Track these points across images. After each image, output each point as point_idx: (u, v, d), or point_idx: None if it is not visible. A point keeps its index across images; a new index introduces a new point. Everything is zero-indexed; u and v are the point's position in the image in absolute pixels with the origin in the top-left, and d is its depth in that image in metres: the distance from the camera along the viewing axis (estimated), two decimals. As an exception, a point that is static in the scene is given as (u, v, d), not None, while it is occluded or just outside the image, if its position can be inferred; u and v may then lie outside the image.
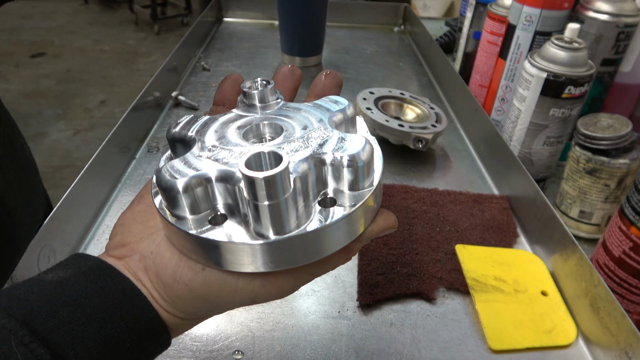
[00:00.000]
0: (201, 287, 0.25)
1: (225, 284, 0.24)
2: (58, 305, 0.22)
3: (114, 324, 0.23)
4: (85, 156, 2.21)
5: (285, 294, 0.26)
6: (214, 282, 0.24)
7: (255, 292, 0.25)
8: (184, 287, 0.25)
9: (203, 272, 0.25)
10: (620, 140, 0.50)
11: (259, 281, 0.25)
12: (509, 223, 0.56)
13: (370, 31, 1.20)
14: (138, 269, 0.26)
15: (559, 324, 0.45)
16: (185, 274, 0.25)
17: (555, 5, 0.62)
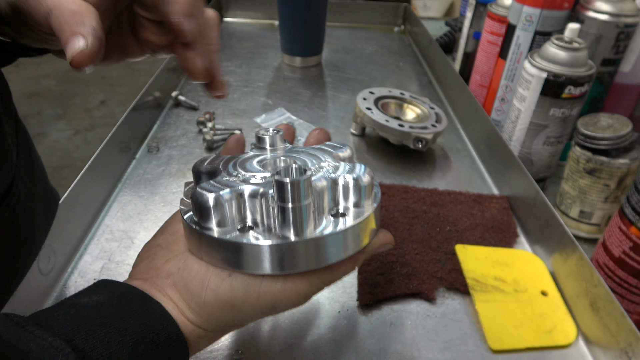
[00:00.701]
0: (227, 292, 0.27)
1: (249, 289, 0.27)
2: (95, 326, 0.24)
3: (146, 346, 0.25)
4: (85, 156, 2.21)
5: (302, 301, 0.29)
6: (239, 287, 0.27)
7: (276, 297, 0.27)
8: (212, 293, 0.27)
9: (229, 278, 0.27)
10: (620, 140, 0.50)
11: (279, 285, 0.27)
12: (509, 223, 0.56)
13: (370, 31, 1.20)
14: (166, 285, 0.28)
15: (559, 324, 0.45)
16: (213, 281, 0.27)
17: (555, 5, 0.62)
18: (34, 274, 0.42)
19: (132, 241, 0.51)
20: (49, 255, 0.45)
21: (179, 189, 0.60)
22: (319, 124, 0.76)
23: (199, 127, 0.72)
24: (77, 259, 0.49)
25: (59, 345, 0.22)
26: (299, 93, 0.87)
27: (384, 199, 0.59)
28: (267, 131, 0.35)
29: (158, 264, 0.29)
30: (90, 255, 0.50)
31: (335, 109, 0.82)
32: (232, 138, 0.39)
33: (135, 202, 0.57)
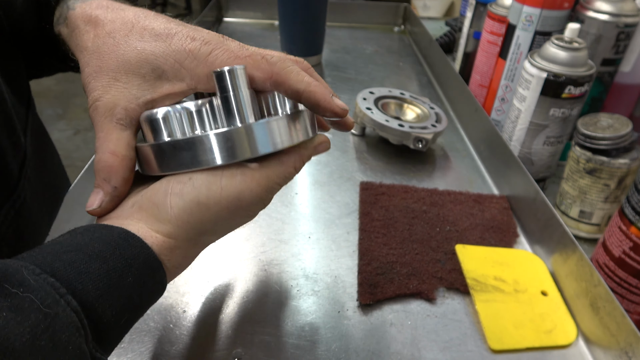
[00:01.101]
0: (190, 191, 0.28)
1: (211, 184, 0.28)
2: (61, 252, 0.25)
3: (115, 261, 0.25)
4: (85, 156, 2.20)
5: (264, 193, 0.30)
6: (201, 184, 0.28)
7: (238, 188, 0.28)
8: (176, 197, 0.28)
9: (190, 180, 0.28)
10: (620, 140, 0.50)
11: (239, 176, 0.29)
12: (509, 223, 0.56)
13: (370, 31, 1.20)
14: (131, 214, 0.29)
15: (559, 324, 0.45)
16: (175, 187, 0.28)
17: (555, 5, 0.62)
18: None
19: (132, 241, 0.51)
20: (49, 255, 0.45)
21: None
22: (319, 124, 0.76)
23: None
24: (77, 259, 0.49)
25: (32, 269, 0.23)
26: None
27: (384, 198, 0.59)
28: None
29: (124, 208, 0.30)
30: (90, 255, 0.50)
31: (335, 109, 0.82)
32: None
33: (135, 202, 0.57)
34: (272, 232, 0.54)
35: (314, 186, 0.62)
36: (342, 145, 0.71)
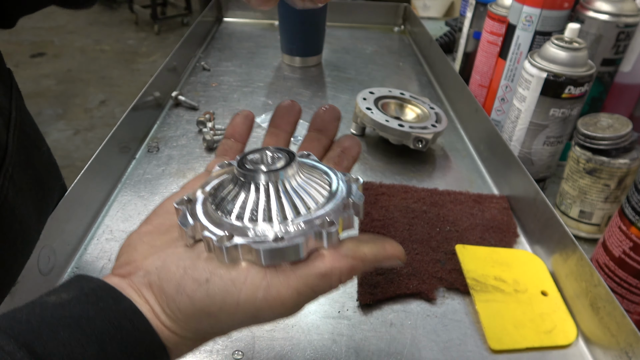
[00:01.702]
0: (204, 298, 0.25)
1: (227, 296, 0.25)
2: (59, 327, 0.22)
3: (114, 347, 0.23)
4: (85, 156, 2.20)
5: (289, 311, 0.26)
6: (216, 294, 0.25)
7: (257, 307, 0.25)
8: (187, 299, 0.25)
9: (206, 283, 0.25)
10: (620, 140, 0.50)
11: (261, 293, 0.25)
12: (509, 223, 0.56)
13: (370, 31, 1.20)
14: (142, 284, 0.26)
15: (559, 324, 0.45)
16: (189, 286, 0.25)
17: (555, 5, 0.62)
18: (34, 274, 0.42)
19: (132, 241, 0.51)
20: (49, 255, 0.45)
21: (179, 189, 0.60)
22: (319, 124, 0.76)
23: (199, 127, 0.72)
24: (77, 259, 0.49)
25: (11, 350, 0.20)
26: (299, 93, 0.87)
27: (384, 198, 0.59)
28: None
29: (137, 259, 0.28)
30: (90, 255, 0.50)
31: (335, 109, 0.82)
32: (240, 114, 0.37)
33: (135, 202, 0.57)
34: (272, 232, 0.54)
35: (314, 186, 0.62)
36: (342, 145, 0.71)
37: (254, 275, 0.26)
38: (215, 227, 0.28)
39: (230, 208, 0.29)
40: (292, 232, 0.27)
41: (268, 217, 0.28)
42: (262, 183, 0.29)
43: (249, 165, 0.30)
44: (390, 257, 0.29)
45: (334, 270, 0.27)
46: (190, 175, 0.62)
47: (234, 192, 0.30)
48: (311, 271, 0.26)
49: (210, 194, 0.31)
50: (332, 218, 0.28)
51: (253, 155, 0.31)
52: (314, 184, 0.31)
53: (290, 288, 0.26)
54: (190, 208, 0.30)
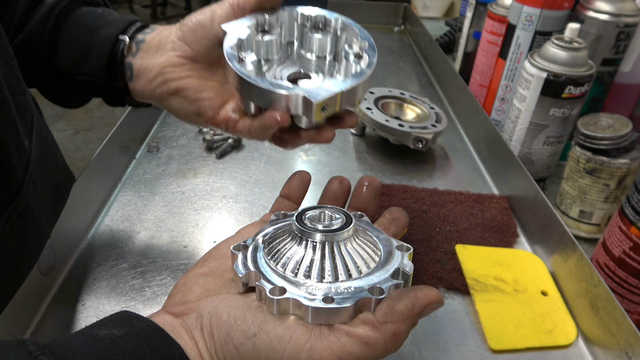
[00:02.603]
0: (250, 352, 0.26)
1: (272, 353, 0.26)
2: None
3: None
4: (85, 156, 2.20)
5: None
6: (262, 349, 0.26)
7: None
8: (234, 350, 0.26)
9: (254, 337, 0.26)
10: (620, 140, 0.50)
11: (304, 355, 0.26)
12: (509, 223, 0.56)
13: (370, 31, 1.20)
14: (194, 327, 0.28)
15: (559, 324, 0.45)
16: (237, 337, 0.27)
17: (555, 5, 0.62)
18: (34, 274, 0.42)
19: (132, 241, 0.51)
20: (49, 255, 0.45)
21: (179, 189, 0.60)
22: (319, 124, 0.76)
23: (198, 127, 0.72)
24: (77, 258, 0.49)
25: None
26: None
27: (384, 199, 0.59)
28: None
29: (191, 300, 0.29)
30: (90, 255, 0.50)
31: (335, 109, 0.82)
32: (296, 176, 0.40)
33: (135, 202, 0.57)
34: (272, 232, 0.54)
35: (314, 186, 0.62)
36: (342, 145, 0.71)
37: (299, 335, 0.26)
38: (268, 277, 0.29)
39: (285, 261, 0.30)
40: (342, 294, 0.28)
41: (320, 275, 0.29)
42: (318, 242, 0.30)
43: (307, 221, 0.31)
44: (428, 304, 0.28)
45: (377, 340, 0.26)
46: (190, 175, 0.62)
47: (290, 245, 0.31)
48: (354, 339, 0.26)
49: (266, 242, 0.32)
50: (382, 285, 0.29)
51: (312, 212, 0.33)
52: (367, 248, 0.32)
53: (332, 354, 0.26)
54: (246, 254, 0.31)
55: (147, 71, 0.41)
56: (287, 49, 0.41)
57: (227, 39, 0.37)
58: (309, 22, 0.40)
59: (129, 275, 0.47)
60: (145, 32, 0.42)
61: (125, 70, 0.41)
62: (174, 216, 0.55)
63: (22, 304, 0.41)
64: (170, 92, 0.41)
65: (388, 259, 0.31)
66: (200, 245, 0.51)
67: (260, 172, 0.64)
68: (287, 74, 0.39)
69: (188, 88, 0.40)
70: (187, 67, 0.40)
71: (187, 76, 0.40)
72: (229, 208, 0.57)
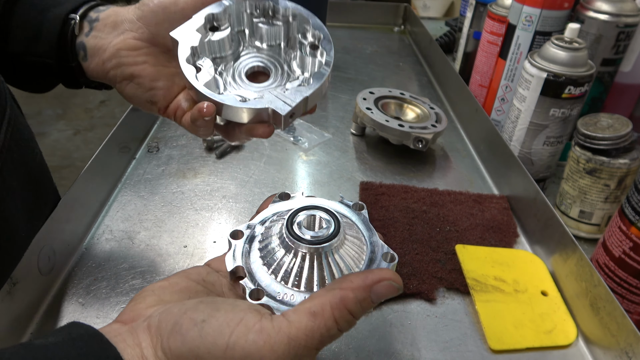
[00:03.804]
0: (195, 338, 0.25)
1: (219, 337, 0.25)
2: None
3: None
4: (85, 156, 2.20)
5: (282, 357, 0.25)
6: (208, 334, 0.25)
7: (246, 351, 0.24)
8: (179, 338, 0.25)
9: (202, 323, 0.25)
10: (620, 140, 0.50)
11: (252, 336, 0.25)
12: (509, 223, 0.56)
13: (370, 31, 1.20)
14: (141, 329, 0.27)
15: (559, 324, 0.45)
16: (185, 325, 0.26)
17: (555, 5, 0.62)
18: (34, 274, 0.42)
19: (132, 241, 0.51)
20: (49, 255, 0.45)
21: (178, 189, 0.60)
22: (319, 124, 0.76)
23: (199, 127, 0.72)
24: (77, 259, 0.49)
25: None
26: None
27: (384, 199, 0.59)
28: None
29: (142, 307, 0.29)
30: (90, 255, 0.50)
31: (335, 109, 0.82)
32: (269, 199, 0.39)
33: (135, 202, 0.57)
34: (272, 232, 0.54)
35: (314, 186, 0.62)
36: (342, 145, 0.71)
37: (250, 318, 0.25)
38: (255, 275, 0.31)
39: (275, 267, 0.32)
40: None
41: (309, 287, 0.31)
42: (307, 253, 0.31)
43: (297, 229, 0.32)
44: (380, 280, 0.27)
45: (324, 307, 0.26)
46: (190, 175, 0.62)
47: (281, 252, 0.32)
48: (301, 313, 0.26)
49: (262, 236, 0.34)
50: None
51: (303, 215, 0.33)
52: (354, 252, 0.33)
53: (280, 332, 0.25)
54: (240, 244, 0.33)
55: (101, 51, 0.39)
56: (238, 38, 0.40)
57: (180, 49, 0.36)
58: (257, 11, 0.39)
59: (129, 275, 0.47)
60: (99, 10, 0.40)
61: (78, 50, 0.40)
62: (174, 216, 0.55)
63: (21, 304, 0.41)
64: (124, 77, 0.39)
65: (370, 267, 0.32)
66: (200, 245, 0.51)
67: (260, 172, 0.64)
68: (245, 70, 0.39)
69: (143, 75, 0.39)
70: (143, 52, 0.38)
71: (143, 62, 0.38)
72: (229, 208, 0.57)
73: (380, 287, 0.27)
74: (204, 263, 0.36)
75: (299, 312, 0.26)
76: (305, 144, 0.70)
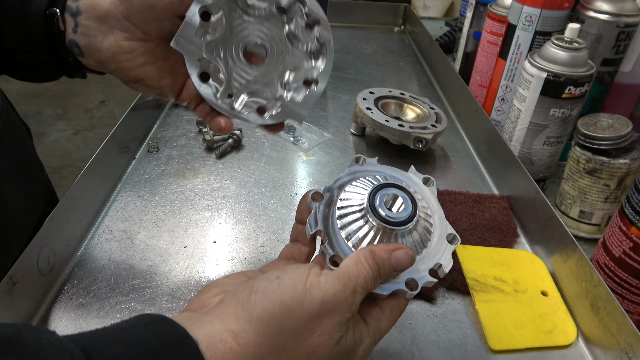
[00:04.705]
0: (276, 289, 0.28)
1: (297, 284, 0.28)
2: (115, 342, 0.24)
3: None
4: (85, 156, 2.20)
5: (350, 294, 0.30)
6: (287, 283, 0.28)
7: (323, 290, 0.28)
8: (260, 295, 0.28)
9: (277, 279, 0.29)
10: (620, 140, 0.50)
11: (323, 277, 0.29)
12: (509, 223, 0.56)
13: (370, 31, 1.20)
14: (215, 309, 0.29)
15: (559, 324, 0.45)
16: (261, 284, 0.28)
17: (555, 5, 0.62)
18: (34, 274, 0.42)
19: (132, 241, 0.51)
20: (49, 255, 0.45)
21: (178, 189, 0.60)
22: (318, 124, 0.76)
23: (198, 127, 0.72)
24: (77, 259, 0.49)
25: (71, 348, 0.22)
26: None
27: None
28: None
29: (207, 297, 0.31)
30: (90, 255, 0.50)
31: (335, 109, 0.82)
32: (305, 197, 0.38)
33: (135, 202, 0.57)
34: (272, 232, 0.54)
35: (314, 186, 0.62)
36: (342, 145, 0.71)
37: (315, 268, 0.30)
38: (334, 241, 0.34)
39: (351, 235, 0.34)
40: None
41: None
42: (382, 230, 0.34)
43: (378, 205, 0.34)
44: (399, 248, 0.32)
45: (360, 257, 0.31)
46: (190, 175, 0.62)
47: (359, 223, 0.34)
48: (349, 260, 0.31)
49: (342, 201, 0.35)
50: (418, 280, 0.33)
51: (385, 192, 0.35)
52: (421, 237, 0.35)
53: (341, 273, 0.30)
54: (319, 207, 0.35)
55: (96, 51, 0.38)
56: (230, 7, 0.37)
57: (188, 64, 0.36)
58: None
59: (129, 276, 0.47)
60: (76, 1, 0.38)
61: (72, 47, 0.39)
62: (174, 216, 0.55)
63: (21, 304, 0.41)
64: (130, 79, 0.39)
65: (434, 249, 0.35)
66: (200, 245, 0.51)
67: (260, 172, 0.64)
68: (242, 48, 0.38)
69: (148, 78, 0.39)
70: (139, 52, 0.38)
71: (143, 63, 0.38)
72: (229, 208, 0.57)
73: (399, 253, 0.32)
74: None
75: (349, 259, 0.31)
76: (305, 144, 0.70)
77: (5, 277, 0.39)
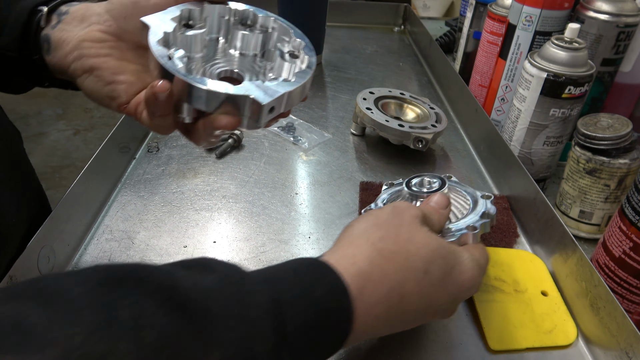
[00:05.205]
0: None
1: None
2: (276, 269, 0.31)
3: (310, 275, 0.31)
4: (85, 156, 2.20)
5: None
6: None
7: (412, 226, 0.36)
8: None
9: None
10: (621, 140, 0.50)
11: (413, 211, 0.37)
12: (509, 223, 0.56)
13: (370, 31, 1.20)
14: None
15: (559, 324, 0.45)
16: None
17: (555, 5, 0.62)
18: (34, 274, 0.42)
19: (132, 241, 0.51)
20: (49, 255, 0.45)
21: (178, 189, 0.60)
22: (318, 124, 0.76)
23: (198, 127, 0.72)
24: (77, 259, 0.49)
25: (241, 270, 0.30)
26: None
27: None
28: None
29: None
30: (90, 255, 0.50)
31: (335, 109, 0.82)
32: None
33: (135, 202, 0.57)
34: (272, 232, 0.54)
35: (314, 186, 0.62)
36: (342, 145, 0.71)
37: None
38: None
39: None
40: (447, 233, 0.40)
41: None
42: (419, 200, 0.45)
43: (414, 187, 0.47)
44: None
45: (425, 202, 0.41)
46: (190, 175, 0.62)
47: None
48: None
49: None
50: (474, 224, 0.40)
51: (415, 179, 0.48)
52: (460, 199, 0.45)
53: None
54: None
55: (65, 44, 0.37)
56: (210, 45, 0.38)
57: (151, 33, 0.33)
58: (236, 17, 0.38)
59: (129, 276, 0.47)
60: (71, 5, 0.39)
61: (42, 43, 0.38)
62: (173, 216, 0.55)
63: (22, 304, 0.41)
64: (84, 69, 0.37)
65: (475, 205, 0.43)
66: (200, 245, 0.51)
67: (260, 172, 0.64)
68: (216, 73, 0.37)
69: (104, 68, 0.36)
70: (108, 45, 0.36)
71: (106, 55, 0.36)
72: (229, 208, 0.57)
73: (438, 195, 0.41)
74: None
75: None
76: (305, 144, 0.70)
77: (5, 277, 0.39)
